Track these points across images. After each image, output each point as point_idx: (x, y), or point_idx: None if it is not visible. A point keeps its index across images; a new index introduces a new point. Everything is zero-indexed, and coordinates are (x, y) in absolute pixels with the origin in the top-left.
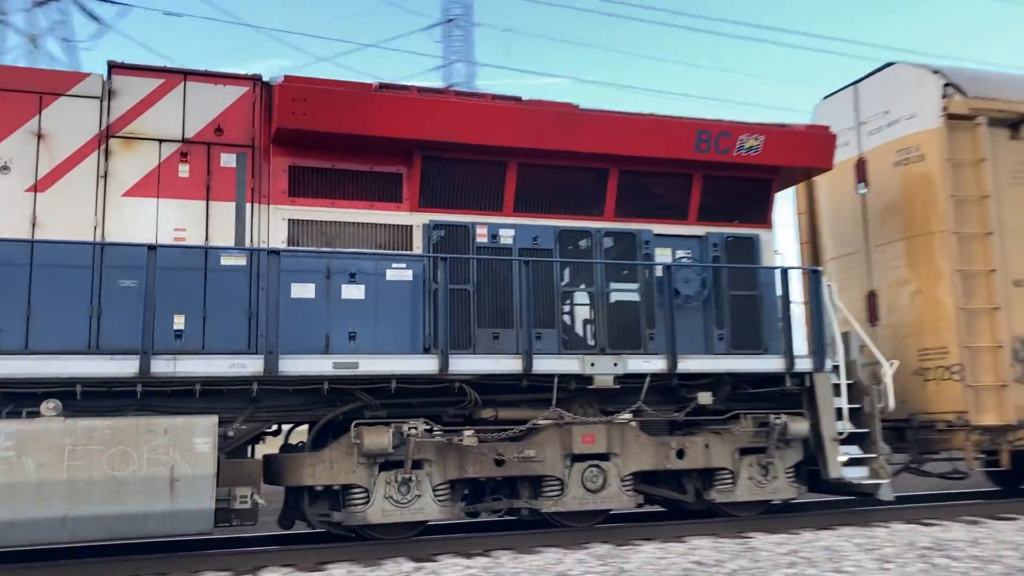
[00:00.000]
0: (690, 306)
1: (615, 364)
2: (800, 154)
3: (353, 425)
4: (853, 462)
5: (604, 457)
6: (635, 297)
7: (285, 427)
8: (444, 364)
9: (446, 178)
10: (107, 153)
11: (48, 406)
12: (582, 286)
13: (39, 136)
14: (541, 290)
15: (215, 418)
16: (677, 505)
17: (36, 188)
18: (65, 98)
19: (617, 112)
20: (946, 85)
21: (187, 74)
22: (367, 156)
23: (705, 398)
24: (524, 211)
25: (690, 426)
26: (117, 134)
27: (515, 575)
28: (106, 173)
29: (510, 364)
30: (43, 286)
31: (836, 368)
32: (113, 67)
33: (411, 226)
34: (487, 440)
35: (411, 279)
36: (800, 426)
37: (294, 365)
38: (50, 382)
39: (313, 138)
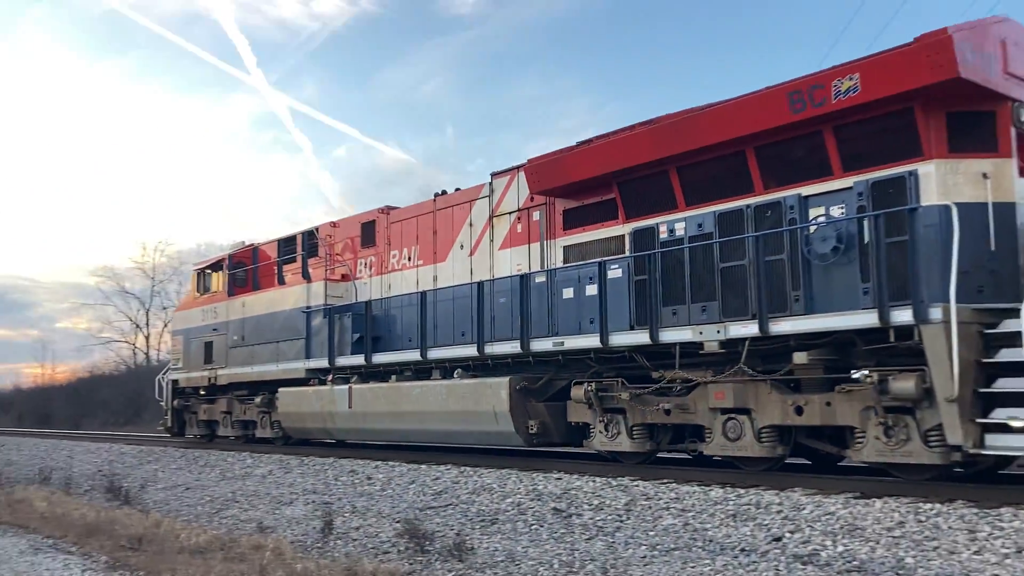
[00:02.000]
0: (828, 264)
1: (718, 331)
2: (913, 73)
3: (572, 384)
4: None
5: (744, 412)
6: (779, 263)
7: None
8: (605, 340)
9: (635, 193)
10: (492, 227)
11: (458, 373)
12: (738, 260)
13: (470, 224)
14: (704, 269)
15: (507, 379)
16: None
17: (470, 254)
18: (478, 200)
19: (724, 101)
20: None
21: None
22: (596, 191)
23: (801, 358)
24: (693, 204)
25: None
26: (495, 214)
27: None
28: (492, 239)
29: (641, 337)
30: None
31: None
32: (492, 175)
33: (623, 235)
34: (640, 395)
35: (621, 275)
36: (903, 384)
37: (538, 344)
38: (454, 360)
39: (565, 190)
